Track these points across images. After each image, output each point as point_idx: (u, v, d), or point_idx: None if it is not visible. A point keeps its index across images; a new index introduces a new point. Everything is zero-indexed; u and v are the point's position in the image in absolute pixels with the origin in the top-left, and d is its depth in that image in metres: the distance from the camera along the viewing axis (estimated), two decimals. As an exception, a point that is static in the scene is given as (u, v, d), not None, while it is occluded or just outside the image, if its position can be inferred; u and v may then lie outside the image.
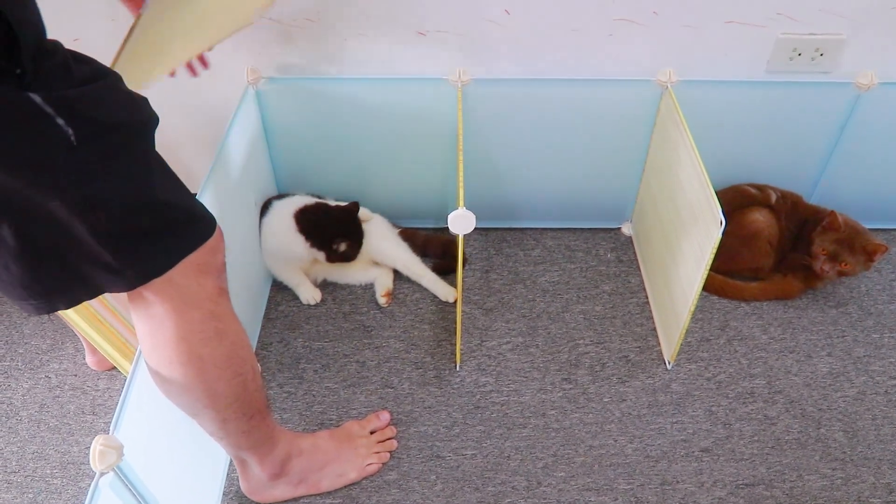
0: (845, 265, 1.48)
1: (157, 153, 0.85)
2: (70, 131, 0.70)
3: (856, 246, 1.47)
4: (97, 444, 0.89)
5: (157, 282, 0.86)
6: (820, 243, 1.50)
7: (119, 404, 0.96)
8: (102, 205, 0.76)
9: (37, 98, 0.67)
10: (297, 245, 1.50)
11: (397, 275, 1.63)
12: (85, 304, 1.23)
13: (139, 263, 0.83)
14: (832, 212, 1.50)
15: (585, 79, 1.45)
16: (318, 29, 1.41)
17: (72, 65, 0.74)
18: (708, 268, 1.21)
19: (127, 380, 0.99)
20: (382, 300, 1.58)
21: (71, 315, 1.23)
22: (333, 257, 1.51)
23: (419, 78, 1.45)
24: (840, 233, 1.48)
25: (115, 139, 0.76)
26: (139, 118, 0.81)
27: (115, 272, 0.82)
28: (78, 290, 0.83)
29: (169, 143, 1.13)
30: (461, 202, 1.16)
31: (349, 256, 1.52)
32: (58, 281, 0.81)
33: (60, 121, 0.69)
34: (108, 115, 0.75)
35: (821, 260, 1.49)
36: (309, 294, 1.58)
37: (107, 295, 1.00)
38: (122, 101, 0.79)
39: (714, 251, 1.18)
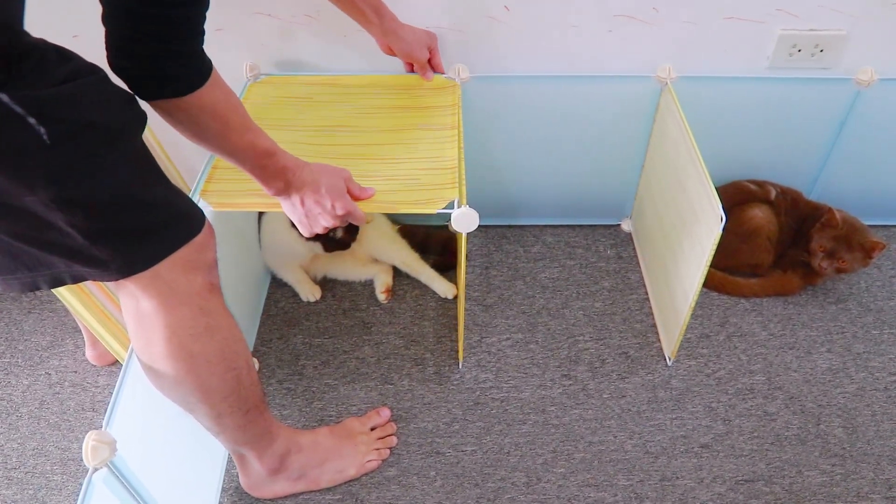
0: (843, 262, 1.48)
1: (142, 151, 0.85)
2: (42, 130, 0.70)
3: (853, 243, 1.47)
4: (89, 440, 0.90)
5: (143, 277, 0.86)
6: (818, 240, 1.50)
7: (112, 400, 0.96)
8: (79, 203, 0.76)
9: (4, 97, 0.67)
10: (295, 241, 1.50)
11: (397, 271, 1.63)
12: (89, 294, 1.23)
13: (121, 258, 0.83)
14: (830, 208, 1.50)
15: (585, 75, 1.45)
16: (318, 25, 1.41)
17: (51, 64, 0.73)
18: (708, 264, 1.21)
19: (120, 375, 1.00)
20: (382, 297, 1.58)
21: (75, 305, 1.23)
22: (331, 246, 1.50)
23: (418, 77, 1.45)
24: (838, 230, 1.48)
25: (92, 138, 0.76)
26: (121, 117, 0.81)
27: (98, 263, 0.82)
28: (60, 272, 0.83)
29: (170, 137, 1.13)
30: (464, 200, 1.16)
31: (346, 243, 1.51)
32: (39, 263, 0.81)
33: (32, 120, 0.69)
34: (86, 115, 0.75)
35: (819, 257, 1.50)
36: (308, 291, 1.58)
37: (108, 285, 1.00)
38: (103, 99, 0.78)
39: (714, 247, 1.18)
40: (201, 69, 0.85)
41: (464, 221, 1.13)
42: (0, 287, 0.84)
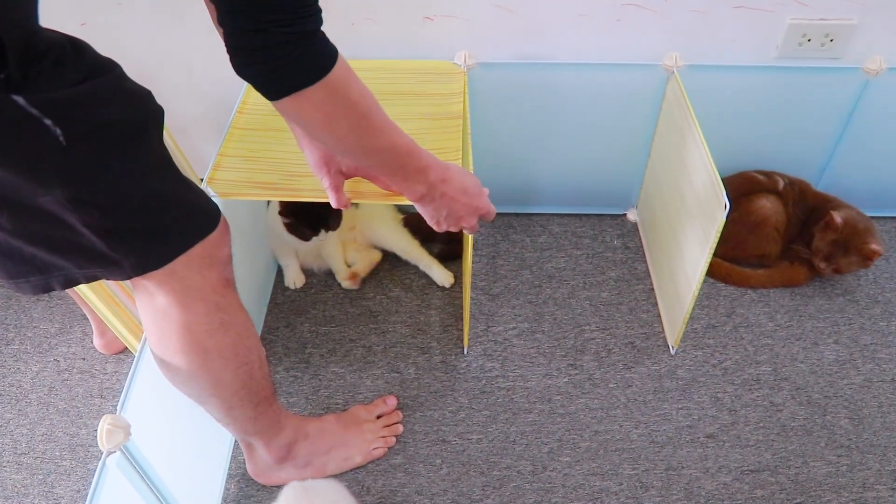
0: (839, 266, 1.49)
1: (159, 147, 0.84)
2: (58, 131, 0.69)
3: (851, 248, 1.48)
4: (105, 424, 0.90)
5: (159, 273, 0.86)
6: (817, 242, 1.51)
7: (126, 385, 0.97)
8: (95, 203, 0.76)
9: (20, 100, 0.66)
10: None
11: (402, 260, 1.63)
12: (100, 283, 1.24)
13: (135, 256, 0.83)
14: (830, 212, 1.49)
15: (591, 63, 1.44)
16: (326, 14, 1.40)
17: (66, 62, 0.72)
18: (712, 252, 1.21)
19: (134, 361, 1.00)
20: (347, 283, 1.58)
21: (87, 293, 1.23)
22: (298, 233, 1.49)
23: (426, 61, 1.45)
24: (838, 233, 1.48)
25: (108, 138, 0.75)
26: (137, 115, 0.80)
27: (111, 262, 0.82)
28: (74, 273, 0.83)
29: (180, 125, 1.13)
30: None
31: (303, 233, 1.48)
32: (52, 265, 0.81)
33: (48, 121, 0.68)
34: (101, 114, 0.74)
35: (818, 258, 1.51)
36: (292, 278, 1.59)
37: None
38: (119, 97, 0.78)
39: (718, 235, 1.17)
40: (324, 50, 0.78)
41: None
42: (13, 290, 0.84)
